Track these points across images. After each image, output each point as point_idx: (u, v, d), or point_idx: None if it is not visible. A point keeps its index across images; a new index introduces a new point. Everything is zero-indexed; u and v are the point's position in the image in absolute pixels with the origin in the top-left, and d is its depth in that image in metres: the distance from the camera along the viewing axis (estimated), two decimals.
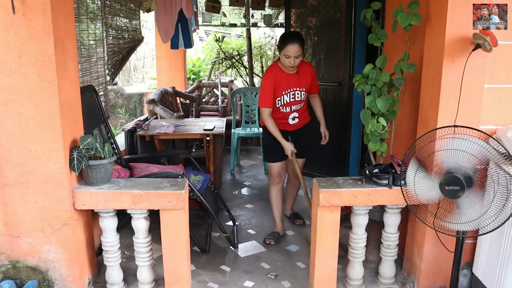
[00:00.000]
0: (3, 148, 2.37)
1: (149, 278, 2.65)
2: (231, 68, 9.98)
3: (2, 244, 2.50)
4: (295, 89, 3.29)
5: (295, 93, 3.30)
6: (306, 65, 3.37)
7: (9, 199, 2.44)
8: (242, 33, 11.51)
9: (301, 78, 3.30)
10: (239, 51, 9.92)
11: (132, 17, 5.21)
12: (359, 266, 2.72)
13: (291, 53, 3.06)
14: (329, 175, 4.51)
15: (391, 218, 2.64)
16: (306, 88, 3.35)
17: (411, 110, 2.88)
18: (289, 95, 3.29)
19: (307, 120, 3.52)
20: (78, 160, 2.40)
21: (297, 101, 3.34)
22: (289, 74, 3.25)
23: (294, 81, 3.27)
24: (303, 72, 3.31)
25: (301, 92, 3.32)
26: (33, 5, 2.20)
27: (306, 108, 3.49)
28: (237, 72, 10.03)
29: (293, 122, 3.41)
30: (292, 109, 3.35)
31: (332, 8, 4.51)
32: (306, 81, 3.34)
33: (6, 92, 2.30)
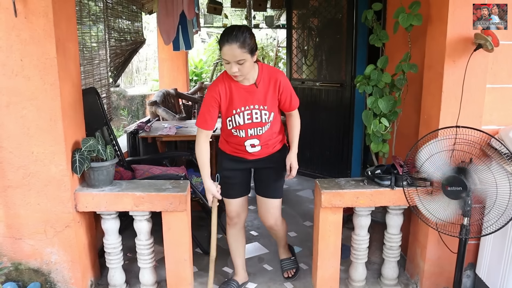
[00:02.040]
0: (5, 150, 2.37)
1: (152, 280, 2.65)
2: None
3: (5, 246, 2.51)
4: (252, 107, 2.36)
5: (251, 113, 2.36)
6: (272, 73, 2.37)
7: (11, 202, 2.44)
8: None
9: (263, 92, 2.35)
10: None
11: (134, 19, 5.22)
12: (362, 267, 2.71)
13: (228, 57, 2.16)
14: (331, 176, 4.50)
15: (394, 219, 2.63)
16: (271, 106, 2.39)
17: (413, 110, 2.87)
18: (242, 116, 2.37)
19: (277, 148, 2.57)
20: (80, 162, 2.41)
21: (256, 124, 2.39)
22: (244, 87, 2.34)
23: (251, 96, 2.35)
24: (266, 84, 2.35)
25: (262, 112, 2.37)
26: (35, 7, 2.21)
27: (276, 132, 2.52)
28: None
29: (253, 150, 2.50)
30: (248, 133, 2.42)
31: (333, 9, 4.51)
32: (272, 97, 2.37)
33: (8, 94, 2.31)
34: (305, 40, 4.96)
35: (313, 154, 4.84)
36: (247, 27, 2.21)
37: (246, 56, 2.15)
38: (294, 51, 4.97)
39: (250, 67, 2.22)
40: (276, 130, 2.52)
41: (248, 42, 2.15)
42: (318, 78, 4.76)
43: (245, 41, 2.13)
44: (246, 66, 2.19)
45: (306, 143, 4.87)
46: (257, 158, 2.53)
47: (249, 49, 2.15)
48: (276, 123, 2.50)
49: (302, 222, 3.78)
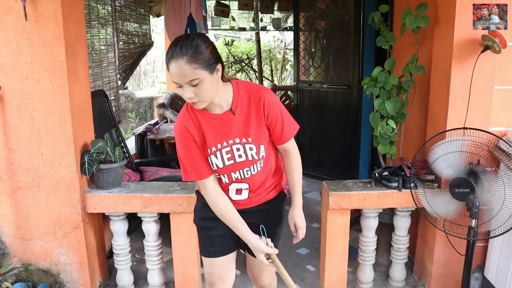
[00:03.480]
0: (16, 152, 2.41)
1: (160, 281, 2.67)
2: (241, 72, 10.01)
3: (15, 247, 2.54)
4: (232, 142, 1.72)
5: (232, 151, 1.73)
6: (252, 92, 1.72)
7: (21, 203, 2.47)
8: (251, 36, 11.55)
9: (243, 119, 1.71)
10: (248, 55, 9.95)
11: (142, 22, 5.25)
12: (370, 269, 2.71)
13: (177, 79, 1.53)
14: (338, 178, 4.49)
15: (401, 221, 2.63)
16: (258, 136, 1.73)
17: (420, 112, 2.86)
18: (220, 156, 1.73)
19: (271, 195, 1.91)
20: (89, 164, 2.43)
21: (241, 164, 1.75)
22: (216, 116, 1.70)
23: (228, 127, 1.71)
24: (246, 107, 1.71)
25: (246, 147, 1.73)
26: (44, 11, 2.24)
27: (270, 172, 1.86)
28: (246, 75, 10.05)
29: (237, 198, 1.84)
30: (232, 177, 1.78)
31: (340, 11, 4.51)
32: (256, 124, 1.72)
33: (19, 97, 2.34)
34: (312, 42, 4.96)
35: (321, 156, 4.84)
36: (201, 34, 1.59)
37: (201, 74, 1.51)
38: (301, 53, 4.98)
39: (211, 89, 1.57)
40: (270, 169, 1.85)
41: (202, 54, 1.51)
42: (325, 80, 4.76)
43: (195, 54, 1.49)
44: (204, 88, 1.54)
45: (313, 145, 4.88)
46: (243, 208, 1.84)
47: (204, 64, 1.51)
48: (271, 160, 1.83)
49: (309, 224, 3.77)
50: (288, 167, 1.87)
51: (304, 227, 1.91)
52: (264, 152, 1.76)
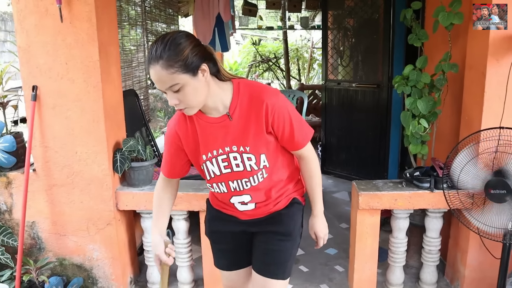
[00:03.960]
0: (51, 150, 2.47)
1: (189, 279, 2.70)
2: (268, 71, 10.02)
3: (50, 242, 2.61)
4: (229, 149, 1.55)
5: (229, 159, 1.56)
6: (255, 95, 1.51)
7: (56, 199, 2.54)
8: (278, 36, 11.53)
9: (241, 125, 1.53)
10: (275, 54, 9.95)
11: (171, 22, 5.32)
12: (400, 271, 2.67)
13: (158, 86, 1.39)
14: (367, 178, 4.44)
15: (433, 222, 2.58)
16: (258, 145, 1.54)
17: (453, 111, 2.80)
18: (216, 163, 1.58)
19: (282, 204, 1.71)
20: (121, 162, 2.48)
21: (239, 174, 1.58)
22: (212, 120, 1.54)
23: (224, 133, 1.54)
24: (245, 112, 1.52)
25: (244, 156, 1.55)
26: (79, 13, 2.29)
27: (280, 181, 1.67)
28: (273, 75, 10.05)
29: (244, 208, 1.69)
30: (231, 187, 1.62)
31: (370, 9, 4.45)
32: (256, 131, 1.52)
33: (54, 96, 2.40)
34: (341, 41, 4.92)
35: (349, 156, 4.79)
36: (180, 31, 1.41)
37: (181, 78, 1.35)
38: (329, 52, 4.94)
39: (197, 93, 1.40)
40: (278, 179, 1.66)
41: (179, 56, 1.33)
42: (354, 79, 4.71)
43: (171, 56, 1.32)
44: (188, 93, 1.38)
45: (342, 144, 4.84)
46: (252, 218, 1.71)
47: (182, 67, 1.34)
48: (279, 169, 1.64)
49: (338, 224, 3.75)
50: (305, 173, 1.72)
51: (324, 236, 1.81)
52: (267, 161, 1.57)
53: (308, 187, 1.74)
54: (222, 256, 1.86)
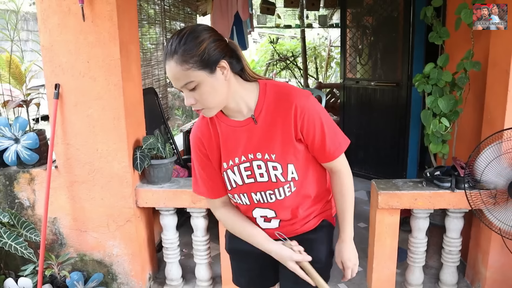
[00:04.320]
0: (73, 147, 2.51)
1: (207, 276, 2.71)
2: (285, 70, 10.00)
3: (71, 238, 2.65)
4: (252, 157, 1.40)
5: (252, 167, 1.41)
6: (283, 97, 1.36)
7: (77, 196, 2.58)
8: (296, 34, 11.50)
9: (266, 130, 1.38)
10: (293, 53, 9.93)
11: (189, 21, 5.35)
12: (419, 271, 2.64)
13: (173, 84, 1.27)
14: (386, 177, 4.38)
15: (454, 222, 2.54)
16: (285, 153, 1.38)
17: (474, 110, 2.76)
18: (238, 171, 1.43)
19: (311, 224, 1.54)
20: (141, 159, 2.51)
21: (263, 185, 1.42)
22: (235, 123, 1.40)
23: (249, 138, 1.40)
24: (271, 115, 1.37)
25: (268, 165, 1.39)
26: (100, 12, 2.32)
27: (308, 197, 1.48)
28: (291, 73, 10.04)
29: (267, 226, 1.52)
30: (253, 199, 1.46)
31: (389, 7, 4.41)
32: (284, 137, 1.37)
33: (76, 94, 2.44)
34: (359, 39, 4.88)
35: (367, 154, 4.76)
36: (198, 25, 1.30)
37: (197, 75, 1.22)
38: (348, 51, 4.91)
39: (216, 92, 1.27)
40: (308, 195, 1.47)
41: (194, 51, 1.21)
42: (373, 78, 4.67)
43: (187, 51, 1.21)
44: (205, 92, 1.26)
45: (360, 143, 4.80)
46: (278, 239, 1.50)
47: (198, 62, 1.22)
48: (309, 184, 1.46)
49: (356, 223, 3.71)
50: (335, 190, 1.52)
51: (353, 267, 1.59)
52: (295, 173, 1.40)
53: (338, 206, 1.52)
54: (242, 274, 1.71)
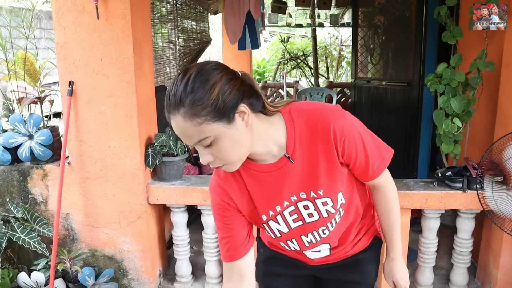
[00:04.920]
0: (86, 144, 2.54)
1: (217, 273, 2.73)
2: (296, 69, 9.99)
3: (83, 233, 2.68)
4: (295, 199, 1.22)
5: (298, 210, 1.24)
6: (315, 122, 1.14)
7: (89, 192, 2.61)
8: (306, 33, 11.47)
9: (306, 166, 1.18)
10: (304, 52, 9.91)
11: (201, 19, 5.37)
12: (429, 271, 2.63)
13: (184, 140, 1.05)
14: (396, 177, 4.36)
15: (465, 223, 2.53)
16: (332, 185, 1.20)
17: (487, 110, 2.74)
18: (283, 220, 1.25)
19: (361, 245, 1.41)
20: (152, 156, 2.53)
21: (313, 225, 1.26)
22: (266, 168, 1.18)
23: (287, 181, 1.20)
24: (308, 147, 1.16)
25: (317, 202, 1.22)
26: (114, 10, 2.34)
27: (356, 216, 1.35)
28: (301, 72, 10.02)
29: (316, 256, 1.37)
30: (304, 242, 1.30)
31: (401, 6, 4.38)
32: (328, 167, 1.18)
33: (89, 92, 2.47)
34: (371, 39, 4.86)
35: None
36: (205, 63, 1.03)
37: (213, 129, 1.00)
38: (359, 50, 4.89)
39: (239, 144, 1.05)
40: (357, 213, 1.34)
41: (204, 101, 0.97)
42: (384, 77, 4.65)
43: (196, 102, 0.97)
44: (225, 147, 1.04)
45: None
46: (323, 264, 1.40)
47: (212, 114, 0.98)
48: (354, 202, 1.31)
49: None
50: (380, 206, 1.35)
51: (406, 284, 1.44)
52: (343, 198, 1.25)
53: (384, 223, 1.37)
54: None
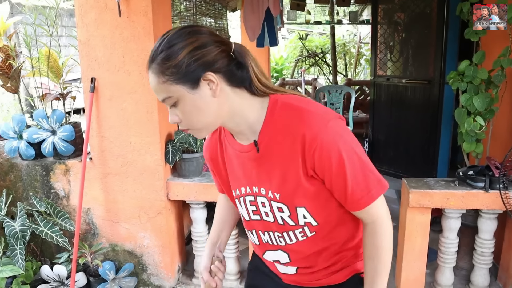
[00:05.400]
0: (107, 140, 2.57)
1: (235, 270, 2.74)
2: (314, 66, 9.94)
3: (104, 228, 2.72)
4: (257, 191, 1.15)
5: (256, 202, 1.17)
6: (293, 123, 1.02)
7: (110, 187, 2.65)
8: (324, 30, 11.42)
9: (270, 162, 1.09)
10: (322, 49, 9.85)
11: (219, 16, 5.38)
12: (449, 272, 2.60)
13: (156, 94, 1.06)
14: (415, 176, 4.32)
15: (487, 223, 2.49)
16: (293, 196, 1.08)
17: (511, 109, 2.69)
18: (244, 204, 1.21)
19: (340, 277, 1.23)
20: (172, 153, 2.55)
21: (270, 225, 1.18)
22: (241, 148, 1.14)
23: (252, 168, 1.13)
24: (278, 144, 1.05)
25: (273, 204, 1.13)
26: (136, 7, 2.37)
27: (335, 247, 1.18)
28: (319, 70, 9.98)
29: (284, 271, 1.26)
30: (262, 239, 1.23)
31: (422, 3, 4.33)
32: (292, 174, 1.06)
33: (111, 88, 2.50)
34: (391, 36, 4.81)
35: (397, 153, 4.69)
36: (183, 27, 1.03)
37: (175, 90, 1.00)
38: (379, 47, 4.84)
39: (201, 112, 1.03)
40: (334, 242, 1.18)
41: (172, 60, 0.98)
42: (404, 75, 4.60)
43: (164, 60, 0.98)
44: (187, 111, 1.03)
45: (389, 141, 4.74)
46: (297, 286, 1.27)
47: (177, 75, 0.98)
48: (335, 228, 1.16)
49: None
50: (364, 248, 1.13)
51: None
52: (311, 217, 1.11)
53: (367, 269, 1.14)
54: None
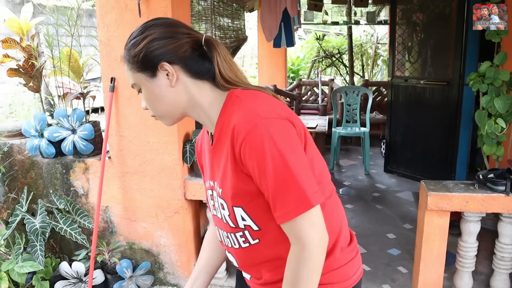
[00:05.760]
0: (126, 139, 2.60)
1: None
2: (331, 67, 9.90)
3: (122, 226, 2.75)
4: (213, 183, 1.17)
5: (213, 195, 1.18)
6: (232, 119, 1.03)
7: (128, 186, 2.68)
8: (341, 31, 11.36)
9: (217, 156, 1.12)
10: (339, 50, 9.81)
11: (237, 17, 5.39)
12: (468, 276, 2.56)
13: None
14: (433, 178, 4.27)
15: (507, 227, 2.45)
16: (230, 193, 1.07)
17: None
18: (208, 197, 1.23)
19: None
20: (190, 153, 2.57)
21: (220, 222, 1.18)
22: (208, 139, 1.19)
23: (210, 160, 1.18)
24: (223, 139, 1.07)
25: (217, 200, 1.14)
26: (156, 8, 2.39)
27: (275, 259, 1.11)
28: (336, 70, 9.93)
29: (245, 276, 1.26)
30: (219, 235, 1.23)
31: (441, 3, 4.28)
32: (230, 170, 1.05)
33: (131, 88, 2.49)
34: (409, 36, 4.77)
35: (415, 155, 4.65)
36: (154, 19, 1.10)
37: (137, 77, 1.09)
38: (397, 48, 4.80)
39: (158, 100, 1.09)
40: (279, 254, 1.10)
41: (133, 50, 1.06)
42: (422, 76, 4.55)
43: (129, 48, 1.08)
44: (147, 99, 1.11)
45: (407, 143, 4.70)
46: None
47: (136, 64, 1.07)
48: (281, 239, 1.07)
49: (401, 224, 3.65)
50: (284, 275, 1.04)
51: None
52: (251, 221, 1.08)
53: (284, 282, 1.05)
54: None
